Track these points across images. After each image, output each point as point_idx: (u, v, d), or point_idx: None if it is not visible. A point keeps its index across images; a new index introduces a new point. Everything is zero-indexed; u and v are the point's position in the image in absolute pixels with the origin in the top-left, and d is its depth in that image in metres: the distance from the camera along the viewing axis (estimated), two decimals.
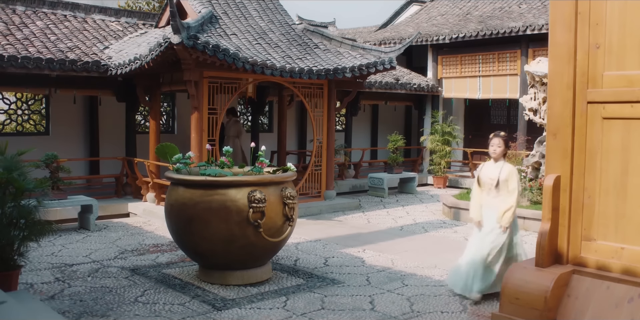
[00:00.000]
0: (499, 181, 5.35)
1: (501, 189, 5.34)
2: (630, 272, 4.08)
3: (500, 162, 5.46)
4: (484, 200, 5.51)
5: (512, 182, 5.34)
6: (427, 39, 15.54)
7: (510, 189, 5.33)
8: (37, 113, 12.07)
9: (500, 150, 5.44)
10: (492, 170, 5.45)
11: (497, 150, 5.43)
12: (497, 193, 5.39)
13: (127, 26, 12.42)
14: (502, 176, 5.35)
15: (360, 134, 16.51)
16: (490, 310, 5.02)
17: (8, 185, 5.05)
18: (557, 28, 4.51)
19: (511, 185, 5.34)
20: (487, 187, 5.47)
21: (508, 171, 5.37)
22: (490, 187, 5.43)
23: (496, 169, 5.43)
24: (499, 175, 5.35)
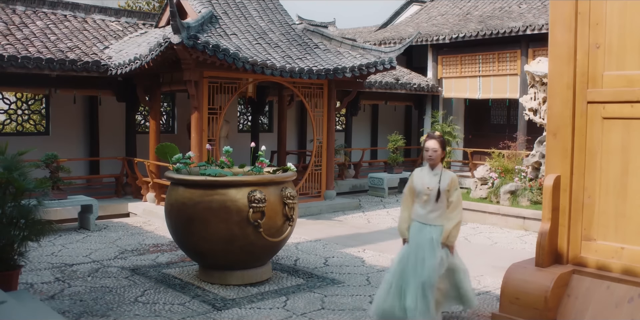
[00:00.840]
0: (439, 192, 4.52)
1: (441, 201, 4.53)
2: (630, 272, 4.08)
3: (438, 168, 4.63)
4: (417, 214, 4.64)
5: (455, 193, 4.58)
6: (427, 38, 15.54)
7: (453, 202, 4.55)
8: (37, 113, 12.07)
9: (438, 155, 4.59)
10: (429, 178, 4.61)
11: (433, 155, 4.58)
12: (435, 206, 4.54)
13: (127, 26, 12.43)
14: (443, 185, 4.54)
15: (360, 134, 16.52)
16: (490, 310, 5.02)
17: (8, 185, 5.05)
18: (557, 28, 4.51)
19: (453, 197, 4.57)
20: (422, 199, 4.60)
21: (450, 180, 4.57)
22: (426, 198, 4.57)
23: (434, 177, 4.60)
24: (439, 184, 4.54)
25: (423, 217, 4.60)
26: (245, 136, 13.47)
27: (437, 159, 4.59)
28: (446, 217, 4.54)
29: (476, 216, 9.79)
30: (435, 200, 4.52)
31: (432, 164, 4.62)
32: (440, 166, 4.64)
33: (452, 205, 4.54)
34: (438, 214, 4.56)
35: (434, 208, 4.56)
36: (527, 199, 9.45)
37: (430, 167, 4.64)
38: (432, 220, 4.56)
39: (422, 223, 4.60)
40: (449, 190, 4.55)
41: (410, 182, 4.72)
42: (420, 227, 4.60)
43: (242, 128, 14.56)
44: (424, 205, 4.60)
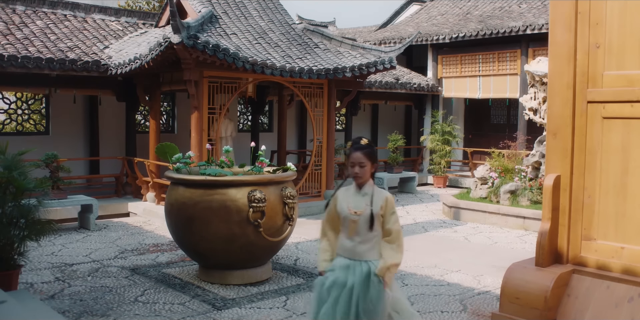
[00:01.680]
0: (372, 216, 3.46)
1: (375, 229, 3.48)
2: (630, 271, 4.07)
3: (368, 187, 3.54)
4: (343, 248, 3.54)
5: (392, 218, 3.52)
6: (427, 38, 15.54)
7: (393, 229, 3.50)
8: (37, 113, 12.07)
9: (366, 170, 3.50)
10: (357, 200, 3.53)
11: (360, 171, 3.49)
12: (368, 235, 3.47)
13: (127, 26, 12.42)
14: (376, 208, 3.47)
15: (360, 134, 16.42)
16: (490, 309, 5.02)
17: (8, 184, 5.05)
18: (557, 28, 4.50)
19: (390, 223, 3.50)
20: (349, 227, 3.51)
21: (384, 200, 3.51)
22: (354, 226, 3.49)
23: (363, 198, 3.52)
24: (372, 207, 3.46)
25: (350, 251, 3.49)
26: (245, 136, 13.47)
27: (365, 175, 3.51)
28: (385, 248, 3.48)
29: (476, 216, 9.79)
30: (369, 227, 3.46)
31: (360, 182, 3.53)
32: (371, 184, 3.56)
33: (393, 234, 3.49)
34: (370, 246, 3.48)
35: (365, 238, 3.48)
36: (527, 199, 9.45)
37: (358, 186, 3.55)
38: (364, 255, 3.47)
39: (350, 259, 3.48)
40: (383, 215, 3.50)
41: (333, 206, 3.63)
42: (348, 264, 3.47)
43: (242, 128, 14.56)
44: (352, 235, 3.50)
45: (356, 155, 3.51)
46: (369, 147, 3.56)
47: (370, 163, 3.52)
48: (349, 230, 3.53)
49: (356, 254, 3.48)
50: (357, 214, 3.51)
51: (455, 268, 6.63)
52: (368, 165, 3.51)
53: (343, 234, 3.58)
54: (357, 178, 3.53)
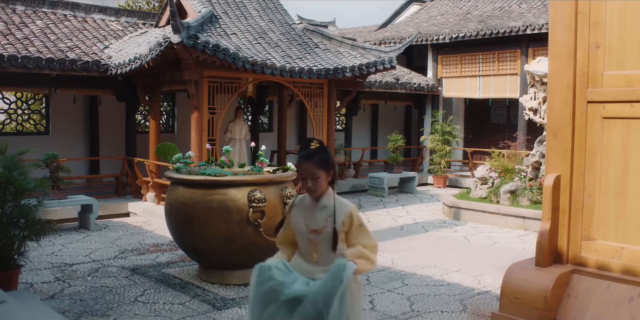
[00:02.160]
0: (335, 234, 2.91)
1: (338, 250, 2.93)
2: (630, 271, 4.07)
3: (327, 198, 2.99)
4: (300, 269, 3.01)
5: (362, 231, 2.99)
6: (427, 38, 15.54)
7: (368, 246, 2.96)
8: (37, 113, 12.07)
9: (321, 183, 2.94)
10: (314, 214, 2.99)
11: (313, 185, 2.93)
12: (329, 257, 2.92)
13: (127, 26, 12.42)
14: (339, 225, 2.93)
15: (360, 134, 16.52)
16: (490, 309, 5.02)
17: (8, 184, 5.05)
18: (557, 28, 4.50)
19: (361, 238, 2.97)
20: (308, 247, 3.01)
21: (347, 214, 2.96)
22: (315, 247, 2.98)
23: (323, 212, 2.97)
24: (334, 223, 2.92)
25: (310, 273, 2.97)
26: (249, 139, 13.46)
27: (321, 188, 2.94)
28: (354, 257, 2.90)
29: (476, 216, 9.79)
30: (331, 248, 2.91)
31: (316, 195, 2.98)
32: (330, 194, 2.99)
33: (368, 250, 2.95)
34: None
35: (326, 260, 2.93)
36: (527, 199, 9.45)
37: (315, 199, 3.00)
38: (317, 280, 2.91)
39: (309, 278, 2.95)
40: (348, 232, 2.96)
41: (288, 218, 3.12)
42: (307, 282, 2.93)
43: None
44: (312, 257, 3.00)
45: (306, 167, 2.92)
46: (321, 152, 2.94)
47: (324, 172, 2.92)
48: (307, 252, 3.01)
49: (317, 276, 2.92)
50: (316, 232, 2.97)
51: (455, 268, 6.63)
52: (322, 175, 2.92)
53: (300, 256, 3.06)
54: (312, 193, 2.97)
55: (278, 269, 2.98)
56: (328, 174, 2.97)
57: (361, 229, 2.99)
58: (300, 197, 3.12)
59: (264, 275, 2.95)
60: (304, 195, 3.08)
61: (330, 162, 2.98)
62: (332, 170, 2.99)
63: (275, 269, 2.98)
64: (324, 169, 2.94)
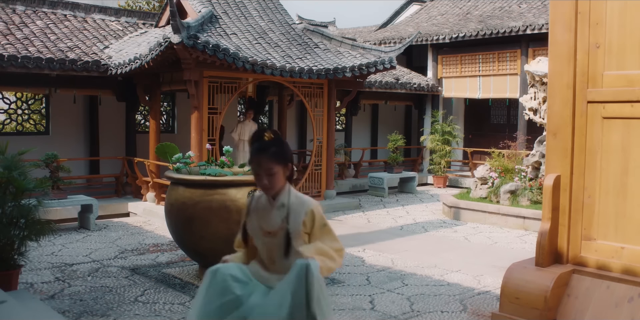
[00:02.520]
0: (289, 237, 2.59)
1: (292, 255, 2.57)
2: (630, 271, 4.07)
3: (284, 195, 2.65)
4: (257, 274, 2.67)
5: (326, 232, 2.64)
6: (427, 38, 15.54)
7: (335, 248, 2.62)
8: (37, 113, 12.07)
9: (277, 179, 2.60)
10: (271, 215, 2.66)
11: (269, 182, 2.59)
12: (284, 264, 2.58)
13: (127, 26, 12.42)
14: (295, 226, 2.60)
15: (360, 134, 16.51)
16: (490, 309, 5.02)
17: (8, 184, 5.06)
18: (557, 28, 4.50)
19: (326, 241, 2.62)
20: (263, 252, 2.70)
21: (307, 213, 2.61)
22: (270, 253, 2.66)
23: (279, 212, 2.64)
24: (288, 224, 2.60)
25: (269, 281, 2.63)
26: None
27: (277, 185, 2.61)
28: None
29: (476, 216, 9.79)
30: (284, 253, 2.58)
31: (272, 193, 2.65)
32: (288, 191, 2.66)
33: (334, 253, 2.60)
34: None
35: (283, 268, 2.58)
36: (527, 199, 9.45)
37: (271, 198, 2.67)
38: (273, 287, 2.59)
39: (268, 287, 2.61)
40: (310, 233, 2.62)
41: (242, 224, 2.83)
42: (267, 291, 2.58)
43: None
44: (267, 261, 2.68)
45: (259, 162, 2.58)
46: (276, 144, 2.59)
47: (281, 167, 2.59)
48: (264, 257, 2.68)
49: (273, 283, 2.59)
50: (271, 235, 2.63)
51: (455, 268, 6.63)
52: (279, 171, 2.59)
53: (258, 261, 2.72)
54: (268, 191, 2.63)
55: (234, 279, 2.58)
56: (285, 168, 2.63)
57: (324, 230, 2.65)
58: (257, 195, 2.76)
59: (218, 286, 2.57)
60: (259, 195, 2.75)
61: (287, 155, 2.65)
62: (289, 164, 2.65)
63: (231, 280, 2.58)
64: (281, 163, 2.60)
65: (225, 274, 2.61)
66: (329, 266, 2.56)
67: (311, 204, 2.65)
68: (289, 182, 2.70)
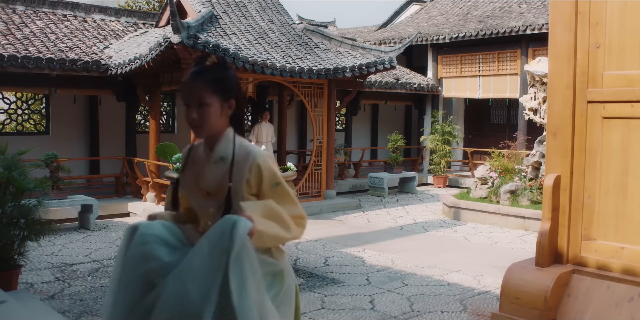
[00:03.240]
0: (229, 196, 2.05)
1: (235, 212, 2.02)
2: (630, 271, 4.07)
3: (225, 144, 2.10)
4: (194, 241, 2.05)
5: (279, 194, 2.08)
6: (427, 38, 15.55)
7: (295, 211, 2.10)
8: (37, 113, 12.07)
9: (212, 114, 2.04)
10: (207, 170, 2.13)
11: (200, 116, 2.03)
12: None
13: (127, 26, 12.43)
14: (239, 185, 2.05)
15: (360, 134, 16.52)
16: (490, 309, 5.02)
17: (8, 184, 5.06)
18: (557, 28, 4.50)
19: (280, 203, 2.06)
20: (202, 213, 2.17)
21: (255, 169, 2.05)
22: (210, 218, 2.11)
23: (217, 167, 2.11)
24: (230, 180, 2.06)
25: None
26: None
27: (210, 123, 2.04)
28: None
29: (476, 216, 9.79)
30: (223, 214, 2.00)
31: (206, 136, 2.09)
32: (230, 138, 2.09)
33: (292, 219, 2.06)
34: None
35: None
36: (527, 199, 9.45)
37: (207, 144, 2.13)
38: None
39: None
40: (258, 194, 2.07)
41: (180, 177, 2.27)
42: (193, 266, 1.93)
43: None
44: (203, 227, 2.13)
45: (191, 88, 2.02)
46: (218, 70, 2.04)
47: (218, 99, 2.02)
48: (202, 222, 2.15)
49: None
50: (209, 196, 2.08)
51: (455, 268, 6.63)
52: (214, 103, 2.01)
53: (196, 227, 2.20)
54: (197, 129, 2.04)
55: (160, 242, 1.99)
56: (225, 103, 2.04)
57: (278, 192, 2.05)
58: (196, 144, 2.19)
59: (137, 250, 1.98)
60: (198, 143, 2.18)
61: (230, 86, 2.05)
62: (232, 100, 2.06)
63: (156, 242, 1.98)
64: (219, 93, 2.01)
65: (146, 235, 1.99)
66: (275, 234, 1.95)
67: (258, 157, 2.03)
68: (236, 130, 2.09)
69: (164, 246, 2.01)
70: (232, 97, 2.08)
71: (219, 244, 1.84)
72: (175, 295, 1.84)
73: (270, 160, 2.09)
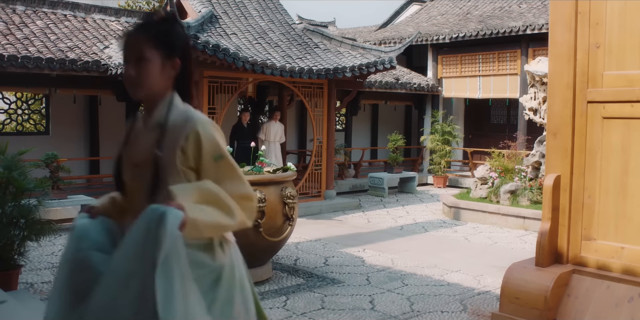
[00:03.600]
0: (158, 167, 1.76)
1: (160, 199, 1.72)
2: (630, 271, 4.08)
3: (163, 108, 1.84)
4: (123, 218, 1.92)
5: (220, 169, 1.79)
6: (427, 38, 15.55)
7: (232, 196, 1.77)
8: (37, 113, 12.07)
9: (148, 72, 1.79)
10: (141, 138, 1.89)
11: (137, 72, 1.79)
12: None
13: (127, 26, 12.43)
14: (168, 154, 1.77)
15: (360, 134, 16.52)
16: (490, 309, 5.03)
17: (8, 184, 5.06)
18: (557, 28, 4.50)
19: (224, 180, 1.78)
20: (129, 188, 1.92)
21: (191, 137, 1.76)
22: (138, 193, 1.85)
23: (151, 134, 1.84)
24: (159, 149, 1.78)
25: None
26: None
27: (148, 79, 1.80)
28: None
29: (476, 216, 9.79)
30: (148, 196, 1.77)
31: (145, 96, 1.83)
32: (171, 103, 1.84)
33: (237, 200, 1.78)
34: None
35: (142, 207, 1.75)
36: (527, 199, 9.45)
37: (146, 109, 1.89)
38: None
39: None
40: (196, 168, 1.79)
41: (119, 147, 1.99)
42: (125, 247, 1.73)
43: None
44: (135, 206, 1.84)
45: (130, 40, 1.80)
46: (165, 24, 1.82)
47: (160, 55, 1.79)
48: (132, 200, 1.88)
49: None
50: (139, 167, 1.82)
51: (455, 268, 6.63)
52: (155, 59, 1.78)
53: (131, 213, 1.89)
54: (134, 88, 1.80)
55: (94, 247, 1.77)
56: (168, 61, 1.80)
57: (221, 166, 1.76)
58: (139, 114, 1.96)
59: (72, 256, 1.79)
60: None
61: (175, 41, 1.81)
62: (177, 58, 1.82)
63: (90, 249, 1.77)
64: (161, 48, 1.78)
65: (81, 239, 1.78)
66: (215, 222, 1.67)
67: (198, 123, 1.74)
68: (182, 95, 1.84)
69: (99, 252, 1.77)
70: (177, 55, 1.84)
71: (145, 244, 1.58)
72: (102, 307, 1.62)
73: (213, 128, 1.79)
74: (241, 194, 1.77)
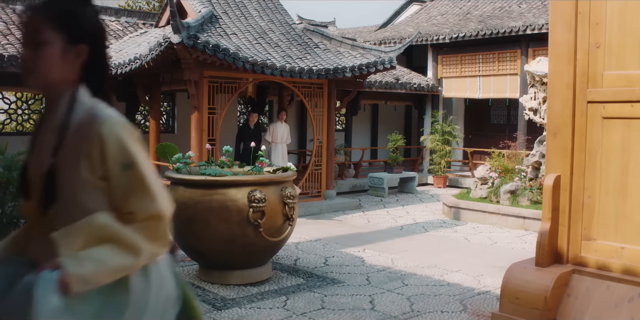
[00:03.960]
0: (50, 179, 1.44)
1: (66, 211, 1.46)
2: (630, 271, 4.07)
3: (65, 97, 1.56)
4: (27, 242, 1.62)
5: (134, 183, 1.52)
6: (427, 38, 15.55)
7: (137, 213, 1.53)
8: (37, 113, 12.07)
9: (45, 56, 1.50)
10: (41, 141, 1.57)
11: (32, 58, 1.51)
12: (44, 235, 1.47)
13: (127, 26, 12.42)
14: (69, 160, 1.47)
15: (360, 134, 16.52)
16: (490, 310, 5.02)
17: (8, 184, 5.06)
18: (557, 28, 4.50)
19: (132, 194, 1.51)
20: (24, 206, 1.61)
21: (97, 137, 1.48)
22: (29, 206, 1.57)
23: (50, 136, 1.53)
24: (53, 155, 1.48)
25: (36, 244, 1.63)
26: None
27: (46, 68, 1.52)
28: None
29: (476, 216, 9.79)
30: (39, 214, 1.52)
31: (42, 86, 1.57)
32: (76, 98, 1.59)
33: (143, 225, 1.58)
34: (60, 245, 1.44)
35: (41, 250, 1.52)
36: (527, 199, 9.45)
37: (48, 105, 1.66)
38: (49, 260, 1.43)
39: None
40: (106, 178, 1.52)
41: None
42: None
43: None
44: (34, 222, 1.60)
45: (26, 19, 1.54)
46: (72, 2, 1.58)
47: (61, 39, 1.53)
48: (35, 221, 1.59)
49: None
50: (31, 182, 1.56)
51: (455, 268, 6.63)
52: (56, 43, 1.52)
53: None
54: (29, 75, 1.53)
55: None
56: (71, 46, 1.54)
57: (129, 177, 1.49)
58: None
59: None
60: None
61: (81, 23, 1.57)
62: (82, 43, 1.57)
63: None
64: (63, 32, 1.52)
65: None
66: (111, 266, 1.41)
67: (104, 123, 1.48)
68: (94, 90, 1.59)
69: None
70: (84, 40, 1.56)
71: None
72: None
73: (121, 129, 1.48)
74: (150, 213, 1.51)
